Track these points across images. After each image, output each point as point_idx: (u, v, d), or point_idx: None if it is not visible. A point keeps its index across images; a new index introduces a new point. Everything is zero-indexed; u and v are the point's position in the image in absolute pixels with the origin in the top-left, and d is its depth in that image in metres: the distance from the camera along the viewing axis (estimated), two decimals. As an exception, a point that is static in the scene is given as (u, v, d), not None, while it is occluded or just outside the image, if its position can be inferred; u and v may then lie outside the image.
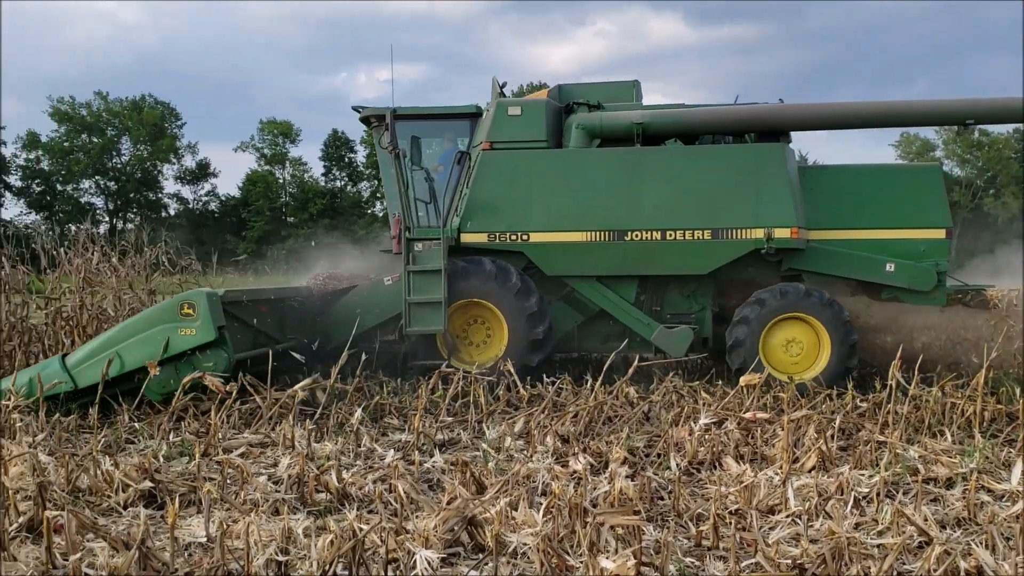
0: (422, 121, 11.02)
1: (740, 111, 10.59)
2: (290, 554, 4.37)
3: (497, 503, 4.94)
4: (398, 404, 8.78)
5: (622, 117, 10.49)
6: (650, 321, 10.45)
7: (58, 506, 5.14)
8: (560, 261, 10.39)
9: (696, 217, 10.07)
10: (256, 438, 7.35)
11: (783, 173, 10.00)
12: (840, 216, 10.29)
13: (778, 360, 9.94)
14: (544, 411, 7.91)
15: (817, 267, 10.30)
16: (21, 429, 7.14)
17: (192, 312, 8.49)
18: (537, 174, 10.38)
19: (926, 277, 10.03)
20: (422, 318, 10.15)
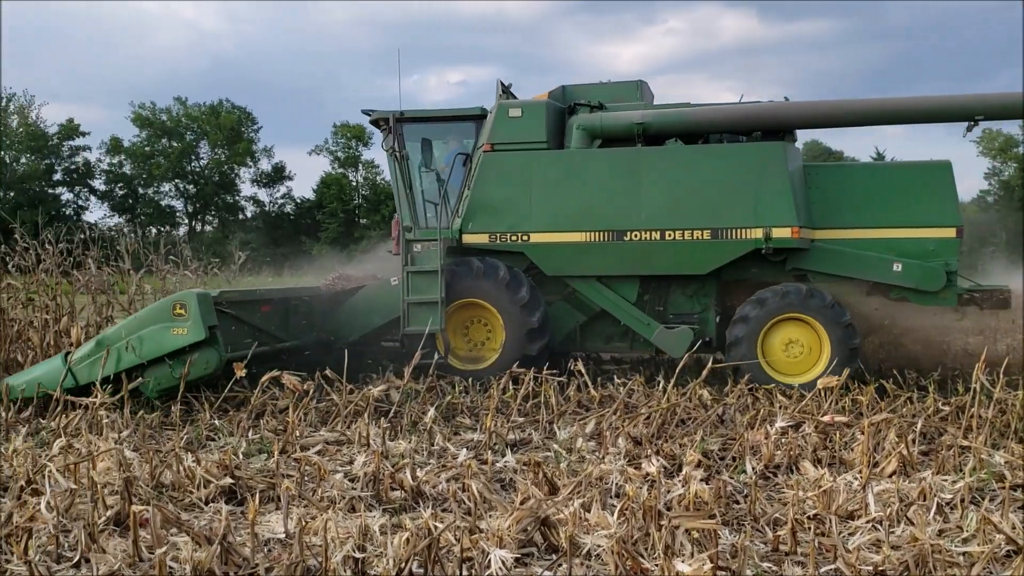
0: (429, 124, 11.19)
1: (742, 110, 10.52)
2: (367, 551, 4.42)
3: (570, 504, 4.93)
4: (469, 404, 8.84)
5: (622, 118, 10.47)
6: (650, 321, 10.41)
7: (143, 501, 5.29)
8: (560, 261, 10.46)
9: (695, 217, 10.03)
10: (332, 436, 7.47)
11: (783, 172, 9.87)
12: (847, 215, 10.11)
13: (777, 361, 9.81)
14: (616, 412, 7.87)
15: (822, 267, 10.14)
16: (107, 425, 7.40)
17: (184, 312, 8.68)
18: (537, 175, 10.45)
19: (935, 277, 9.75)
20: (420, 318, 10.27)
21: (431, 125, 11.18)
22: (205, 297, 8.83)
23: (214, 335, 8.70)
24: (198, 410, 8.44)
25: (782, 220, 9.80)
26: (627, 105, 10.77)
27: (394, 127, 10.89)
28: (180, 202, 65.18)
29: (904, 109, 10.64)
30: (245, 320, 9.54)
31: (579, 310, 10.84)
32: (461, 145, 11.09)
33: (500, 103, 10.74)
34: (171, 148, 63.54)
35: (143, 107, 64.38)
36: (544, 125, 10.45)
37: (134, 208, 63.47)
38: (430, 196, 11.01)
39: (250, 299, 10.05)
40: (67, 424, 7.32)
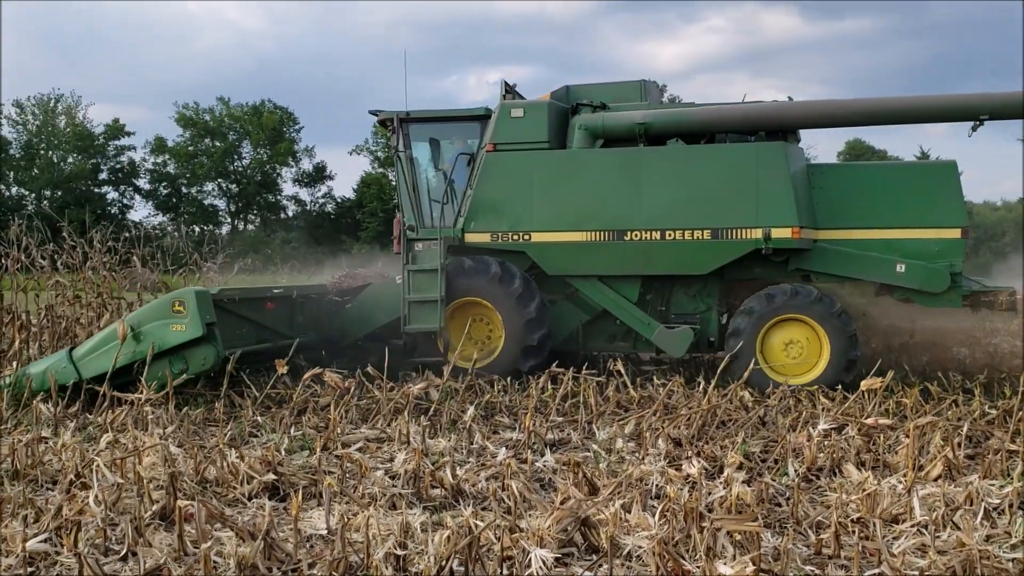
0: (434, 124, 11.29)
1: (743, 110, 10.48)
2: (408, 548, 4.45)
3: (611, 505, 4.92)
4: (508, 403, 8.85)
5: (624, 118, 10.47)
6: (651, 321, 10.42)
7: (188, 496, 5.36)
8: (561, 261, 10.52)
9: (695, 217, 10.02)
10: (373, 433, 7.53)
11: (784, 172, 9.81)
12: (851, 215, 10.03)
13: (776, 359, 9.80)
14: (655, 413, 7.84)
15: (824, 267, 10.10)
16: (153, 421, 7.51)
17: (183, 309, 8.79)
18: (538, 175, 10.51)
19: (939, 278, 9.62)
20: (420, 316, 10.42)
21: (436, 125, 11.30)
22: (203, 294, 8.94)
23: (212, 332, 8.82)
24: (241, 406, 8.55)
25: (782, 220, 9.76)
26: (630, 105, 10.78)
27: (399, 127, 11.01)
28: (223, 201, 66.07)
29: (907, 108, 10.51)
30: (248, 317, 9.67)
31: (582, 309, 10.89)
32: (466, 145, 11.14)
33: (502, 103, 10.81)
34: (214, 148, 64.36)
35: (187, 107, 65.33)
36: (546, 125, 10.50)
37: (178, 207, 64.41)
38: (434, 196, 11.13)
39: (252, 296, 10.24)
40: (113, 419, 7.45)
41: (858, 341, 9.65)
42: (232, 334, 9.26)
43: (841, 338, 9.51)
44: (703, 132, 10.49)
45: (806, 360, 9.70)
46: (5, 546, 4.54)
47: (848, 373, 9.45)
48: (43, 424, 7.32)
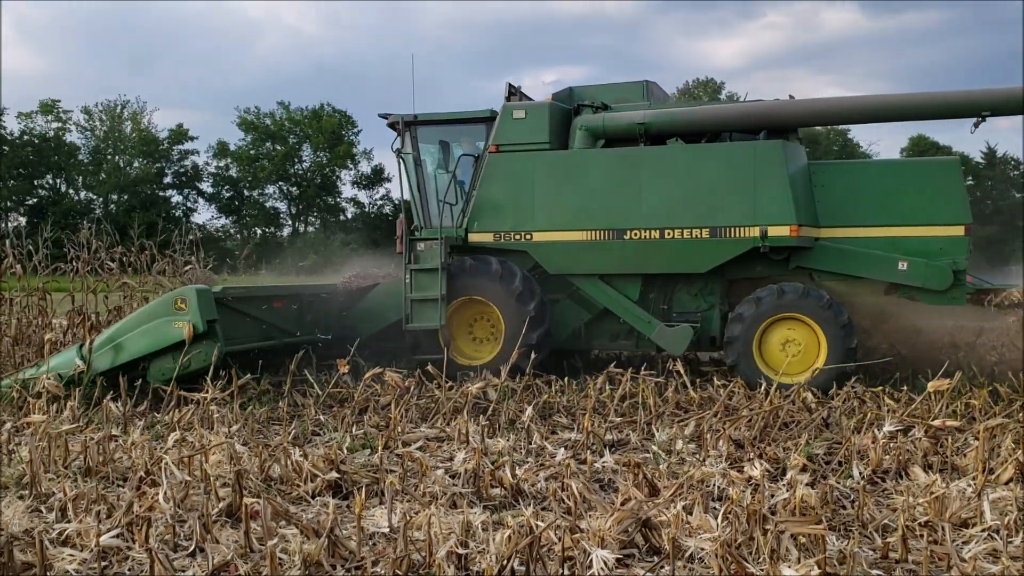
0: (441, 126, 11.49)
1: (743, 109, 10.56)
2: (469, 547, 4.47)
3: (672, 507, 4.89)
4: (566, 403, 8.84)
5: (625, 118, 10.54)
6: (651, 319, 10.45)
7: (253, 493, 5.47)
8: (562, 260, 10.64)
9: (694, 215, 10.07)
10: (432, 432, 7.60)
11: (782, 170, 9.81)
12: (854, 213, 10.01)
13: (776, 360, 9.74)
14: (716, 414, 7.77)
15: (826, 265, 10.08)
16: (218, 420, 7.67)
17: (184, 307, 9.04)
18: (540, 175, 10.63)
19: (941, 276, 9.57)
20: (422, 314, 10.61)
21: (444, 128, 11.50)
22: (204, 292, 9.17)
23: (213, 329, 9.05)
24: (304, 405, 8.68)
25: (780, 218, 9.76)
26: (632, 106, 10.82)
27: (403, 130, 11.26)
28: (284, 204, 67.02)
29: (907, 105, 10.41)
30: (252, 315, 9.84)
31: (584, 308, 10.95)
32: (474, 147, 11.26)
33: (505, 105, 10.92)
34: (275, 151, 65.34)
35: (248, 112, 66.43)
36: (547, 126, 10.62)
37: (240, 210, 65.56)
38: (439, 197, 11.21)
39: (257, 295, 10.51)
40: (180, 418, 7.62)
41: (854, 330, 9.56)
42: (236, 331, 9.49)
43: (835, 329, 9.48)
44: (703, 132, 10.53)
45: (806, 356, 9.67)
46: (80, 541, 4.67)
47: (849, 362, 9.38)
48: (113, 423, 7.51)
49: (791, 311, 9.68)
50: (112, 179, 62.57)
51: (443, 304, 10.49)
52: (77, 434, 6.92)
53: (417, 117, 11.33)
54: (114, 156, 65.13)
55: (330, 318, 11.26)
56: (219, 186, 65.87)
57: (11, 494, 5.67)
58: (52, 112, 65.08)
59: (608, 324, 10.90)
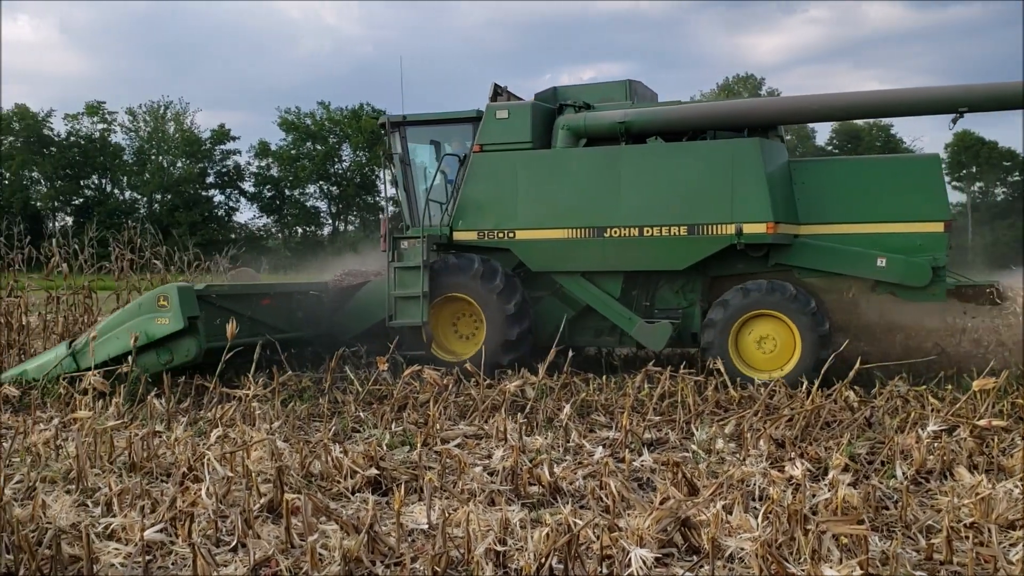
0: (430, 126, 11.67)
1: (722, 107, 10.65)
2: (507, 545, 4.48)
3: (712, 506, 4.85)
4: (604, 401, 8.81)
5: (606, 117, 10.63)
6: (631, 315, 10.53)
7: (294, 489, 5.51)
8: (544, 257, 10.77)
9: (672, 213, 10.13)
10: (471, 429, 7.61)
11: (758, 168, 9.84)
12: (834, 210, 10.04)
13: (752, 356, 9.87)
14: (756, 413, 7.70)
15: (804, 262, 10.12)
16: (260, 416, 7.75)
17: (167, 304, 9.28)
18: (522, 174, 10.76)
19: (920, 272, 9.57)
20: (405, 311, 10.76)
21: (432, 128, 11.67)
22: (186, 290, 9.41)
23: (194, 325, 9.25)
24: (344, 402, 8.75)
25: (757, 216, 9.79)
26: (615, 105, 10.89)
27: (390, 131, 11.53)
28: (324, 203, 67.65)
29: (889, 102, 10.43)
30: (238, 312, 9.89)
31: (567, 305, 11.01)
32: (462, 146, 11.39)
33: (489, 105, 11.03)
34: (315, 151, 65.95)
35: (289, 112, 67.15)
36: (529, 126, 10.71)
37: (281, 209, 66.23)
38: (424, 196, 11.43)
39: (242, 293, 10.71)
40: (223, 415, 7.71)
41: (823, 317, 9.63)
42: (219, 328, 9.51)
43: (804, 318, 9.57)
44: (683, 130, 10.56)
45: (782, 351, 9.76)
46: (124, 535, 4.75)
47: (824, 351, 9.30)
48: (157, 419, 7.63)
49: (762, 308, 9.78)
50: (156, 179, 63.55)
51: (425, 301, 10.64)
52: (122, 430, 7.02)
53: (406, 118, 11.54)
54: (158, 156, 66.16)
55: (321, 315, 11.44)
56: (260, 185, 66.63)
57: (59, 488, 5.78)
58: (98, 113, 66.31)
59: (591, 321, 10.97)
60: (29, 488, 5.70)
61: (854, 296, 10.14)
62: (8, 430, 7.37)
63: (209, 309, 9.60)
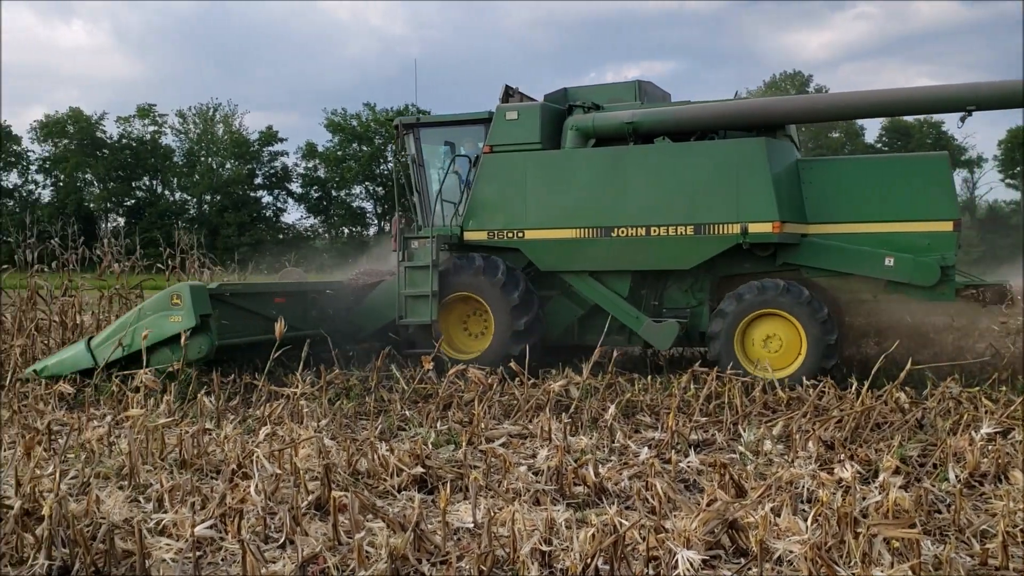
0: (443, 128, 11.88)
1: (728, 107, 10.67)
2: (552, 545, 4.47)
3: (761, 508, 4.80)
4: (649, 402, 8.76)
5: (613, 118, 10.70)
6: (639, 314, 10.61)
7: (341, 487, 5.56)
8: (553, 257, 10.90)
9: (679, 213, 10.21)
10: (515, 429, 7.62)
11: (764, 168, 9.89)
12: (843, 210, 10.04)
13: (757, 353, 9.91)
14: (805, 415, 7.60)
15: (812, 262, 10.14)
16: (307, 414, 7.83)
17: (179, 302, 9.51)
18: (531, 174, 10.89)
19: (928, 271, 9.54)
20: (415, 309, 10.97)
21: (445, 129, 11.87)
22: (199, 289, 9.66)
23: (206, 323, 9.47)
24: (390, 401, 8.80)
25: (763, 215, 9.84)
26: (624, 105, 10.98)
27: (404, 132, 11.83)
28: (370, 203, 68.04)
29: (895, 101, 10.40)
30: (251, 310, 10.17)
31: (577, 304, 11.13)
32: (474, 147, 11.52)
33: (499, 107, 11.18)
34: (361, 152, 66.39)
35: (335, 113, 67.66)
36: (538, 127, 10.84)
37: (328, 209, 66.81)
38: (436, 196, 11.65)
39: (256, 292, 11.01)
40: (271, 413, 7.80)
41: (833, 326, 9.62)
42: (232, 325, 9.85)
43: (815, 325, 9.57)
44: (690, 130, 10.62)
45: (787, 351, 9.80)
46: (176, 531, 4.83)
47: (830, 358, 9.53)
48: (207, 417, 7.74)
49: (772, 307, 9.80)
50: (205, 180, 64.48)
51: (435, 300, 10.80)
52: (173, 427, 7.14)
53: (419, 119, 11.87)
54: (207, 158, 67.15)
55: (337, 314, 11.59)
56: (307, 186, 67.24)
57: (112, 484, 5.89)
58: (149, 116, 67.49)
59: (601, 320, 10.88)
60: (83, 484, 5.81)
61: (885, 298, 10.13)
62: (63, 427, 7.53)
63: (222, 307, 9.85)
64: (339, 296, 11.88)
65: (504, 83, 11.58)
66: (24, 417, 7.71)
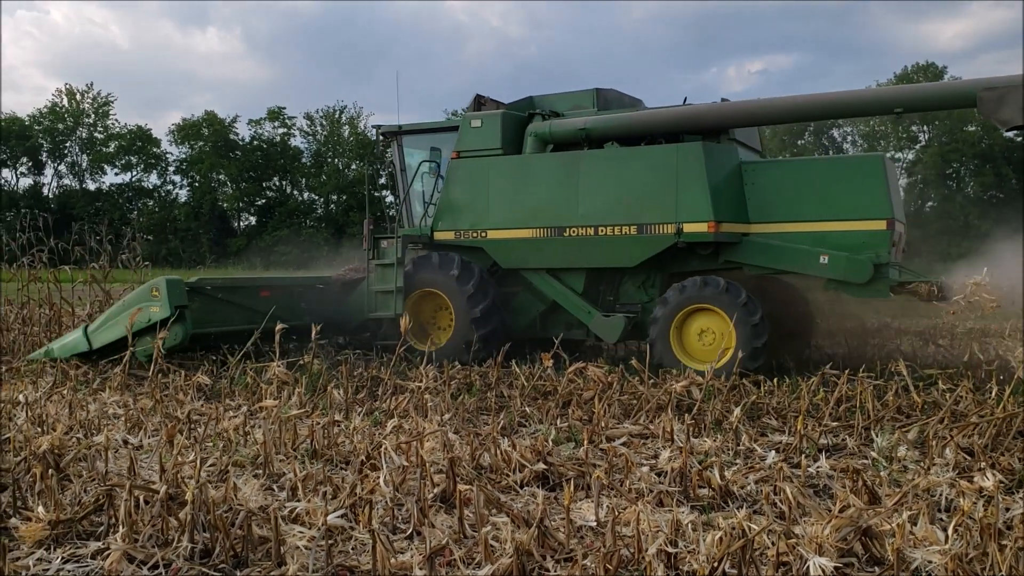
0: (423, 135, 12.91)
1: (675, 113, 11.15)
2: (678, 546, 4.42)
3: (897, 516, 4.62)
4: (775, 405, 8.55)
5: (569, 124, 11.51)
6: (591, 309, 11.32)
7: (465, 481, 5.64)
8: (513, 255, 11.74)
9: (624, 214, 10.86)
10: (636, 428, 7.56)
11: (701, 171, 10.44)
12: (782, 209, 10.52)
13: (694, 348, 10.55)
14: (942, 420, 7.27)
15: (752, 260, 10.65)
16: (431, 408, 7.97)
17: (158, 294, 10.46)
18: (493, 178, 11.74)
19: (861, 269, 9.94)
20: (383, 304, 12.01)
21: (425, 136, 12.89)
22: (175, 282, 10.63)
23: (182, 313, 10.40)
24: (510, 397, 8.88)
25: (699, 216, 10.43)
26: (583, 112, 11.75)
27: (387, 139, 12.93)
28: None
29: (828, 104, 10.87)
30: (234, 302, 11.14)
31: (539, 299, 11.94)
32: (433, 154, 12.54)
33: (465, 115, 12.19)
34: (479, 151, 67.04)
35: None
36: (499, 133, 11.70)
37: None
38: (412, 198, 12.82)
39: (237, 285, 11.91)
40: (397, 405, 7.98)
41: (765, 328, 10.08)
42: (214, 316, 10.64)
43: (737, 310, 10.09)
44: (640, 135, 11.23)
45: (718, 344, 10.35)
46: (308, 519, 4.99)
47: (756, 359, 9.96)
48: (336, 409, 7.98)
49: (709, 303, 10.36)
50: (332, 181, 66.44)
51: (399, 295, 11.76)
52: (304, 419, 7.38)
53: (401, 127, 12.90)
54: (334, 159, 69.15)
55: (325, 307, 12.22)
56: (428, 185, 68.34)
57: (247, 472, 6.14)
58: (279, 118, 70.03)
59: (562, 314, 11.75)
60: (221, 471, 6.07)
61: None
62: (201, 416, 7.89)
63: (203, 299, 10.85)
64: (328, 290, 12.74)
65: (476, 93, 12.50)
66: (165, 407, 8.11)
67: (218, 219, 68.36)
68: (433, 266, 11.86)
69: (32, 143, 70.04)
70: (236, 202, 69.16)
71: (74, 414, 7.76)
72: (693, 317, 10.54)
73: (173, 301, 10.41)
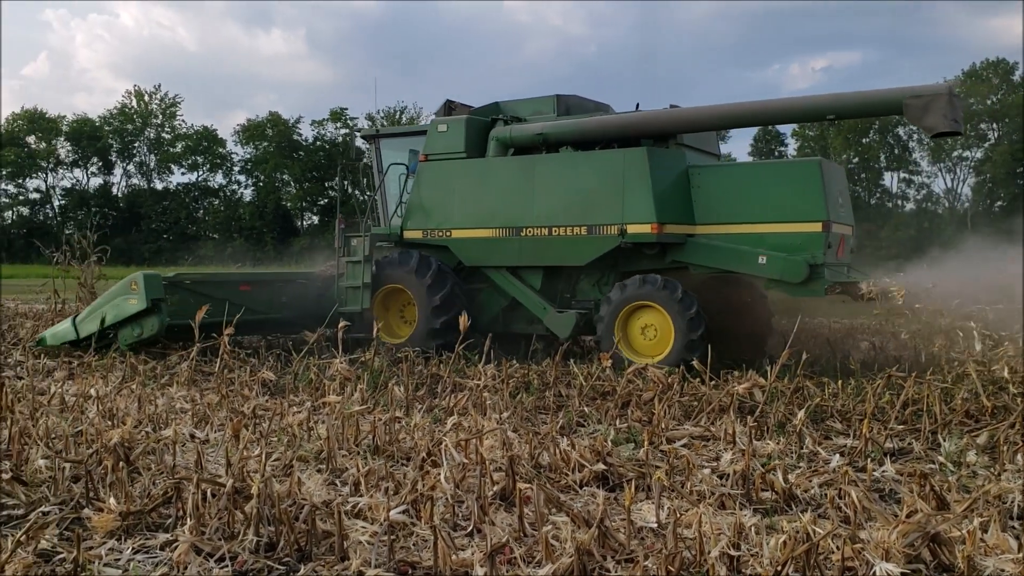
0: (400, 138, 13.71)
1: (627, 119, 11.63)
2: (741, 549, 4.38)
3: (967, 522, 4.51)
4: (840, 407, 8.40)
5: (528, 129, 12.01)
6: (546, 305, 11.86)
7: (525, 479, 5.64)
8: (475, 254, 12.32)
9: (574, 215, 11.40)
10: (697, 430, 7.49)
11: (645, 174, 10.88)
12: (726, 212, 10.95)
13: (638, 343, 10.98)
14: (1013, 425, 7.08)
15: (696, 259, 11.10)
16: (490, 406, 8.01)
17: (136, 288, 11.09)
18: (457, 180, 12.39)
19: (796, 269, 10.28)
20: (352, 298, 12.48)
21: (403, 139, 13.65)
22: (152, 277, 11.27)
23: (158, 305, 11.08)
24: (568, 396, 8.87)
25: (642, 217, 10.87)
26: (543, 117, 12.26)
27: (365, 143, 13.52)
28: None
29: (765, 111, 11.38)
30: (213, 296, 11.44)
31: (502, 296, 12.46)
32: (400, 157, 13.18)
33: (433, 120, 12.81)
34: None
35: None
36: (463, 138, 12.26)
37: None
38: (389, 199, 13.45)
39: (215, 280, 12.62)
40: (456, 403, 8.03)
41: (701, 322, 10.42)
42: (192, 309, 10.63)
43: (683, 320, 10.43)
44: (592, 140, 11.75)
45: (661, 340, 10.76)
46: (371, 514, 5.05)
47: (694, 351, 10.18)
48: (397, 405, 8.06)
49: (649, 300, 10.74)
50: (391, 180, 66.99)
51: (367, 290, 12.30)
52: (366, 415, 7.46)
53: (379, 132, 13.78)
54: (393, 158, 69.71)
55: (307, 301, 12.78)
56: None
57: (310, 467, 6.23)
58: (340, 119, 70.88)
59: (523, 310, 12.28)
60: (286, 466, 6.16)
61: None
62: (266, 411, 8.03)
63: (181, 293, 11.47)
64: (309, 285, 13.24)
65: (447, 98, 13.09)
66: (231, 402, 8.27)
67: (282, 218, 69.48)
68: (395, 262, 12.45)
69: (102, 143, 72.04)
70: (299, 202, 70.17)
71: (143, 408, 7.96)
72: (637, 314, 10.95)
73: (150, 294, 11.05)
